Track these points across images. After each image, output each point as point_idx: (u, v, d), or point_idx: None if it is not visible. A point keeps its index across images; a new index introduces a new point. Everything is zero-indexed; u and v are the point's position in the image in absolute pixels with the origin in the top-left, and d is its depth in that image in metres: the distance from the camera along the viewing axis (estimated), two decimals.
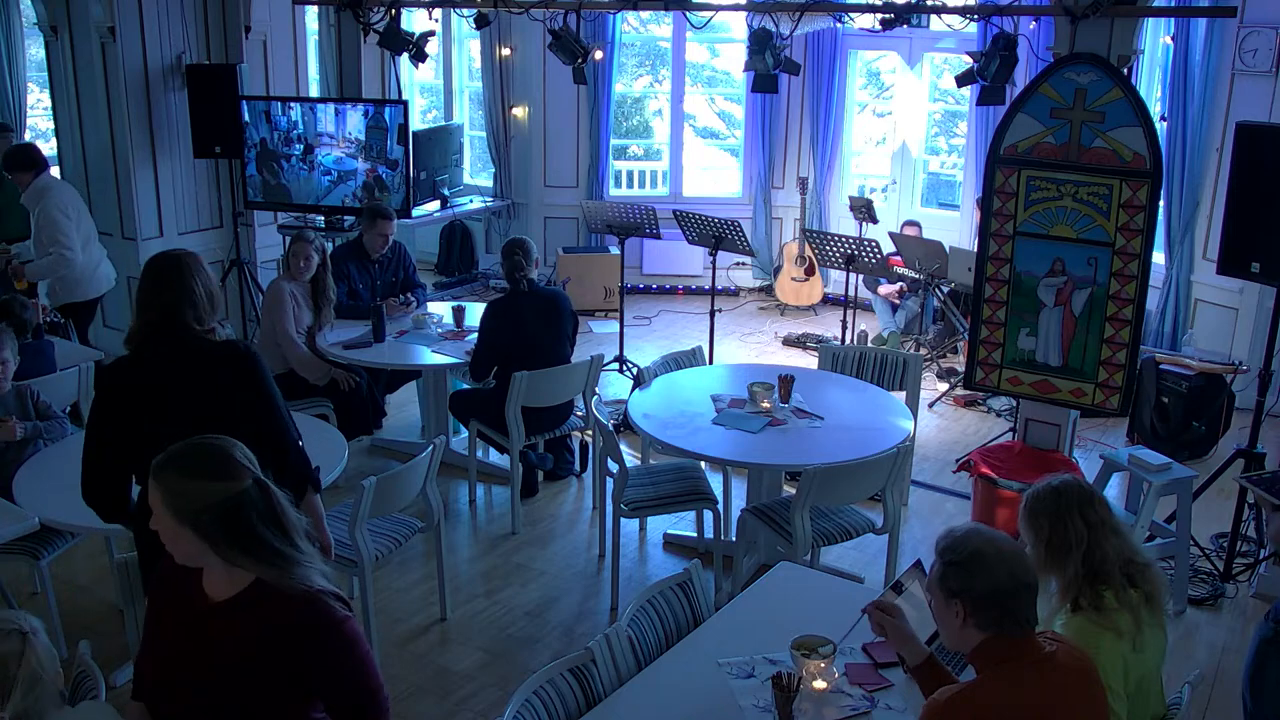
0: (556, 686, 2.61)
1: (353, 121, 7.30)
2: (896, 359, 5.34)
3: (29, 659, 2.00)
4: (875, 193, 9.27)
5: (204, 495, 2.09)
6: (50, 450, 4.13)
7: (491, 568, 4.95)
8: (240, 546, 2.11)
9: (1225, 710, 3.97)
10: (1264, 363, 4.81)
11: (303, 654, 2.14)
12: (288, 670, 2.14)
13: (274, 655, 2.14)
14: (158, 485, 2.12)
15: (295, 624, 2.14)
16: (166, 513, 2.11)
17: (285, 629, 2.14)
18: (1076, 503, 2.70)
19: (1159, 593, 2.71)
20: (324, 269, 5.62)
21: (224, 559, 2.13)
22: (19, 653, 1.99)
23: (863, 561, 4.95)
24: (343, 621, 2.18)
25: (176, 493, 2.10)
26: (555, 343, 5.37)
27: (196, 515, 2.09)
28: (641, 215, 7.10)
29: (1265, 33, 6.42)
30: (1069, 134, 4.67)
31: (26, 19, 9.33)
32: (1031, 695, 2.21)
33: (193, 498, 2.09)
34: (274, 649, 2.14)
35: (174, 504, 2.10)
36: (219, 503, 2.09)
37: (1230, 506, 4.94)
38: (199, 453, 2.16)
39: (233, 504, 2.10)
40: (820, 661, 2.69)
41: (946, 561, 2.30)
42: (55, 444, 4.18)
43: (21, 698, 1.98)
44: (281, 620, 2.14)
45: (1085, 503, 2.70)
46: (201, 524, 2.09)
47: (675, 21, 9.11)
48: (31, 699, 2.00)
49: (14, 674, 1.98)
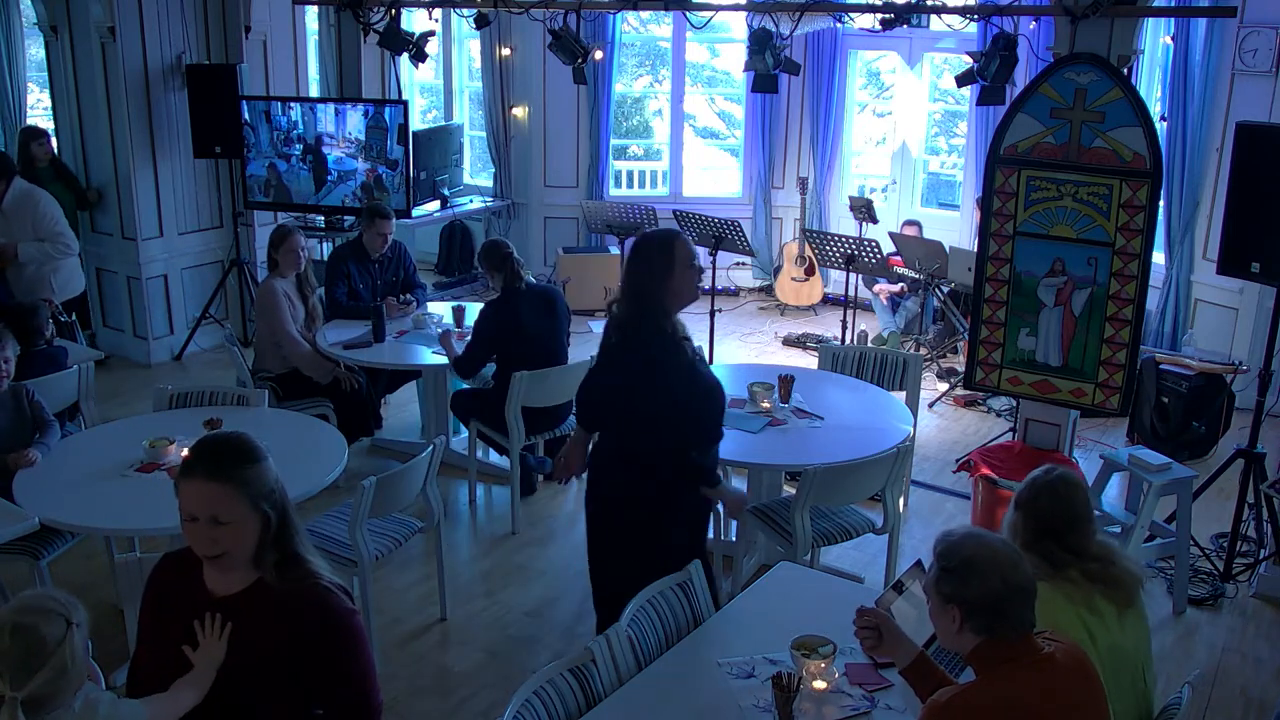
0: (556, 686, 2.61)
1: (353, 121, 7.30)
2: (896, 359, 5.34)
3: (65, 649, 1.99)
4: (875, 193, 9.27)
5: (267, 477, 2.16)
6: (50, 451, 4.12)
7: (491, 568, 4.95)
8: (290, 527, 2.19)
9: (1225, 710, 3.97)
10: (1264, 363, 4.81)
11: (311, 646, 2.14)
12: (294, 663, 2.15)
13: (283, 648, 2.14)
14: (224, 483, 2.11)
15: (307, 616, 2.15)
16: (242, 505, 2.12)
17: (298, 621, 2.15)
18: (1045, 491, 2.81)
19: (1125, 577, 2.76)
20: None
21: (264, 546, 2.16)
22: (59, 640, 1.99)
23: (863, 561, 4.95)
24: (352, 614, 2.20)
25: (250, 480, 2.13)
26: (555, 337, 5.37)
27: (270, 497, 2.15)
28: (641, 215, 7.11)
29: (1265, 33, 6.42)
30: (1069, 134, 4.67)
31: (26, 19, 9.32)
32: (1030, 696, 2.21)
33: (262, 481, 2.14)
34: (284, 642, 2.14)
35: (250, 492, 2.12)
36: (276, 479, 2.17)
37: (1230, 506, 4.94)
38: (239, 441, 2.19)
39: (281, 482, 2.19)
40: (820, 661, 2.69)
41: (941, 567, 2.30)
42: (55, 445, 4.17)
43: (43, 683, 1.97)
44: (294, 612, 2.15)
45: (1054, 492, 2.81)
46: (275, 504, 2.15)
47: (675, 21, 9.11)
48: (51, 688, 1.99)
49: (47, 656, 1.97)
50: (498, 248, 5.34)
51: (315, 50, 9.14)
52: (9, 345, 4.14)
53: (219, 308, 7.73)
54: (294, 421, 4.61)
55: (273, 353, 5.56)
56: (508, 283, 5.27)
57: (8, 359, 4.11)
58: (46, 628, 1.99)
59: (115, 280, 7.47)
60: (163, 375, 7.19)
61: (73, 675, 2.02)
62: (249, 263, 7.82)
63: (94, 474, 3.95)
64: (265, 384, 5.36)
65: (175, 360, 7.58)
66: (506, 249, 5.32)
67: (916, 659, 2.48)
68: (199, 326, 7.61)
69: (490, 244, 5.43)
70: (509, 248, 5.33)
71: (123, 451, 4.06)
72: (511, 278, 5.27)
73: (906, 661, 2.48)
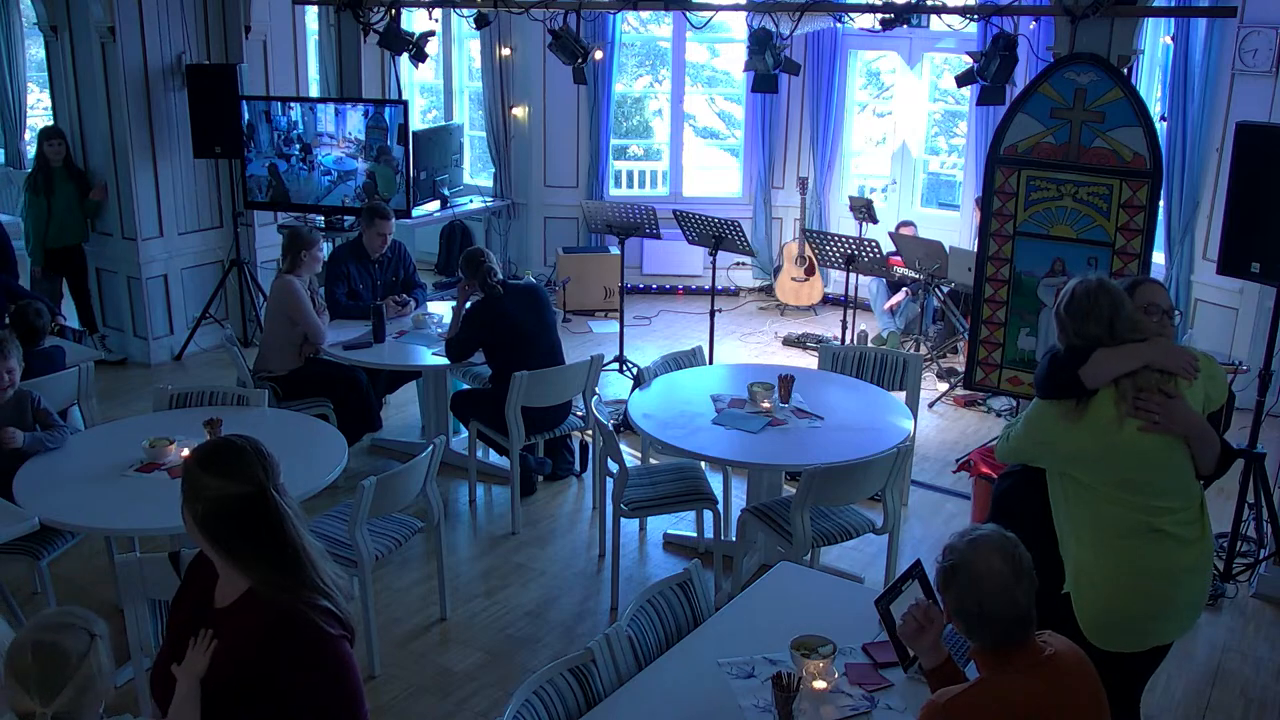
0: (556, 686, 2.61)
1: (353, 121, 7.30)
2: (896, 359, 5.33)
3: (90, 662, 1.99)
4: (875, 193, 9.27)
5: (206, 489, 2.09)
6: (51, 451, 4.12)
7: (491, 568, 4.95)
8: (228, 548, 2.10)
9: (1225, 710, 3.97)
10: (1264, 363, 4.80)
11: (273, 667, 2.05)
12: (261, 683, 2.06)
13: (247, 666, 2.07)
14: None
15: (265, 636, 2.06)
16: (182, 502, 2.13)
17: (258, 640, 2.06)
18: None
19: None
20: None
21: (220, 559, 2.12)
22: (84, 653, 1.99)
23: (863, 561, 4.95)
24: (322, 640, 2.08)
25: (186, 480, 2.11)
26: (544, 331, 5.36)
27: (193, 506, 2.09)
28: (641, 215, 7.10)
29: (1265, 33, 6.42)
30: (1069, 134, 4.67)
31: (26, 19, 9.34)
32: (1030, 697, 2.21)
33: (198, 489, 2.09)
34: (247, 659, 2.07)
35: (182, 491, 2.12)
36: (215, 499, 2.08)
37: (1230, 506, 4.93)
38: (219, 448, 2.16)
39: (228, 504, 2.08)
40: (820, 661, 2.69)
41: (937, 565, 2.32)
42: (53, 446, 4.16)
43: (70, 698, 1.97)
44: (254, 630, 2.07)
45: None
46: (203, 520, 2.09)
47: (675, 21, 9.11)
48: (78, 702, 1.98)
49: (72, 670, 1.97)
50: (470, 260, 5.33)
51: (315, 50, 9.14)
52: (14, 354, 4.12)
53: (219, 308, 7.73)
54: (294, 421, 4.61)
55: (284, 352, 5.54)
56: (484, 288, 5.26)
57: (11, 369, 4.09)
58: (68, 642, 1.99)
59: (115, 280, 7.47)
60: (163, 375, 7.20)
61: (100, 688, 2.02)
62: (249, 263, 7.83)
63: (94, 474, 3.95)
64: (266, 384, 5.36)
65: (175, 360, 7.58)
66: (476, 259, 5.31)
67: (944, 661, 2.46)
68: (199, 326, 7.61)
69: (464, 256, 5.43)
70: (482, 257, 5.32)
71: (123, 451, 4.06)
72: (485, 286, 5.25)
73: (935, 662, 2.47)
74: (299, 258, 5.50)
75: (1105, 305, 2.82)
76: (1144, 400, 2.74)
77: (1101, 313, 2.82)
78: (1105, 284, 2.86)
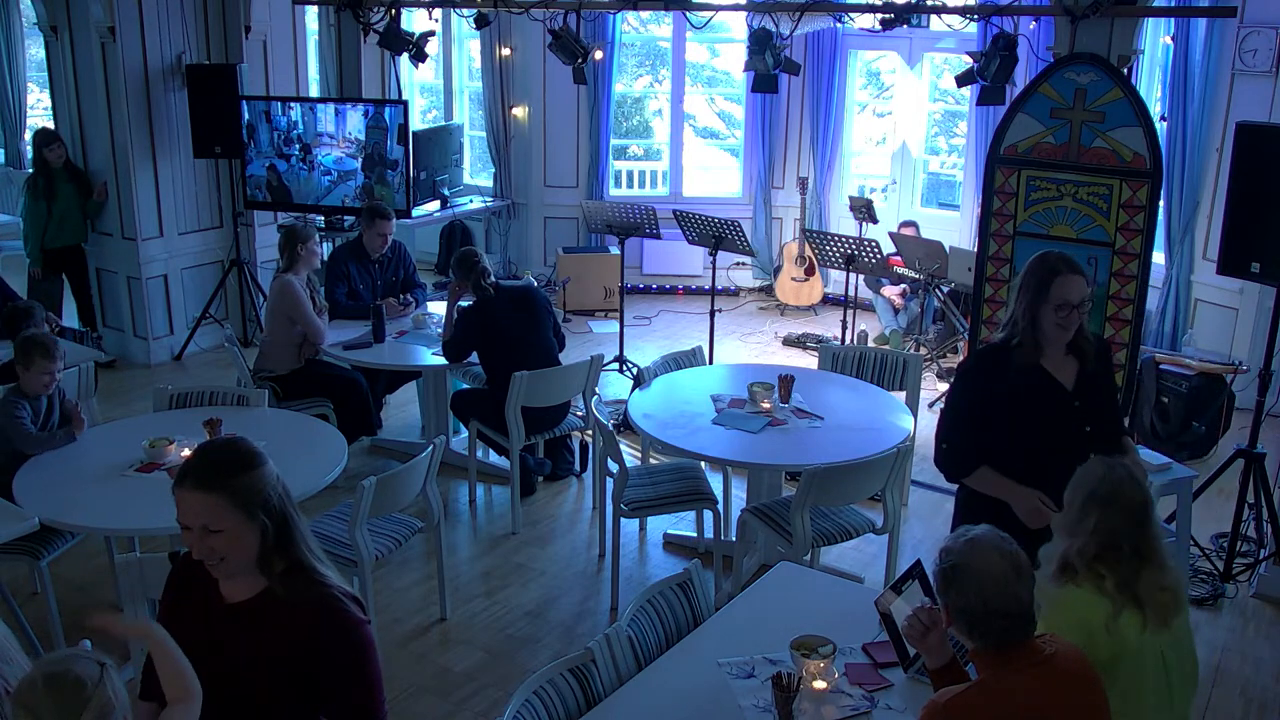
0: (556, 686, 2.61)
1: (353, 121, 7.30)
2: (896, 359, 5.33)
3: (105, 687, 1.98)
4: (875, 193, 9.27)
5: (263, 484, 2.13)
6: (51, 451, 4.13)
7: (491, 568, 4.95)
8: (293, 534, 2.16)
9: (1225, 710, 3.97)
10: (1264, 363, 4.81)
11: (320, 654, 2.15)
12: (303, 672, 2.15)
13: (292, 656, 2.14)
14: (214, 493, 2.09)
15: (320, 626, 2.15)
16: (236, 514, 2.10)
17: (310, 630, 2.14)
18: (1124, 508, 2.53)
19: (1170, 606, 2.53)
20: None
21: (268, 553, 2.15)
22: (98, 678, 1.98)
23: (863, 561, 4.95)
24: (361, 624, 2.20)
25: (241, 489, 2.10)
26: (537, 332, 5.35)
27: (266, 505, 2.12)
28: (641, 215, 7.10)
29: (1265, 33, 6.42)
30: (1069, 134, 4.67)
31: (26, 19, 9.34)
32: (1030, 698, 2.21)
33: (256, 489, 2.11)
34: (293, 649, 2.14)
35: (245, 500, 2.10)
36: (276, 486, 2.14)
37: (1230, 506, 4.94)
38: (233, 449, 2.17)
39: (282, 485, 2.16)
40: (820, 661, 2.69)
41: (936, 565, 2.31)
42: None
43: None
44: (303, 619, 2.15)
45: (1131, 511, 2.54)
46: (273, 512, 2.12)
47: (675, 21, 9.11)
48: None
49: (89, 695, 1.96)
50: (463, 262, 5.34)
51: (315, 50, 9.14)
52: (61, 358, 4.17)
53: (219, 308, 7.73)
54: (294, 421, 4.61)
55: (286, 352, 5.54)
56: (476, 290, 5.26)
57: (55, 371, 4.15)
58: (79, 669, 1.97)
59: (115, 280, 7.47)
60: (163, 375, 7.20)
61: (119, 715, 2.01)
62: (249, 263, 7.83)
63: (94, 474, 3.95)
64: (266, 384, 5.36)
65: (175, 360, 7.58)
66: (469, 261, 5.32)
67: (949, 661, 2.46)
68: (199, 326, 7.61)
69: (455, 258, 5.43)
70: (474, 258, 5.33)
71: (123, 451, 4.06)
72: (478, 288, 5.26)
73: (940, 663, 2.47)
74: (296, 253, 5.50)
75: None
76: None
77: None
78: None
